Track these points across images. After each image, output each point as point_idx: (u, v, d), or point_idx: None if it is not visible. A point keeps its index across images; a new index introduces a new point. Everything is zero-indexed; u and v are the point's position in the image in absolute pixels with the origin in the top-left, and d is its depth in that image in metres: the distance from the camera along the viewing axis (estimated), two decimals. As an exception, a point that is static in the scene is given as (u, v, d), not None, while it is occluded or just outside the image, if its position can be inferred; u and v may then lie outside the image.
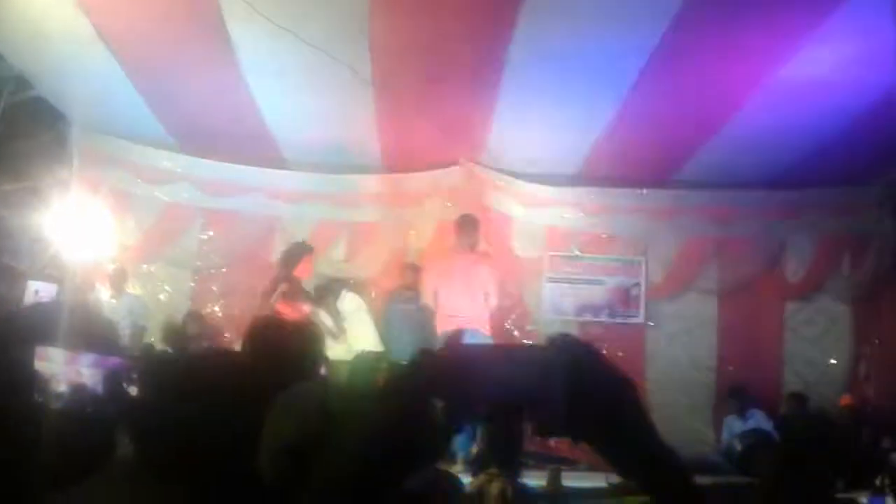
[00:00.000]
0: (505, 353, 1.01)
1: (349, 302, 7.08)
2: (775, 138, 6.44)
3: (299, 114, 6.67)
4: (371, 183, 7.69)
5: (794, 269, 7.75)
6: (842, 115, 5.89)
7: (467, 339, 5.73)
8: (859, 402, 7.14)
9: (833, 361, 7.52)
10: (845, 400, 7.13)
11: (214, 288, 7.74)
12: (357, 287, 7.35)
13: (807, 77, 5.47)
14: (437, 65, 5.71)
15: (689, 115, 6.17)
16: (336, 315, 6.74)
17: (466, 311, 6.44)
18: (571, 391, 0.92)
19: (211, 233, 7.79)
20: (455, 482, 3.81)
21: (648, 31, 5.18)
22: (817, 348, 7.60)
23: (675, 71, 5.58)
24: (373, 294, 7.53)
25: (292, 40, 5.34)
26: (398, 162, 7.48)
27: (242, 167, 7.57)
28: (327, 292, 6.98)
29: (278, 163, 7.58)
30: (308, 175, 7.64)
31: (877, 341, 7.21)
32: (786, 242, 7.76)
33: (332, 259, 7.64)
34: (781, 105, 5.86)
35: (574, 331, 7.76)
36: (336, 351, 6.06)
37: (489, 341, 6.26)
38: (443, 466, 4.81)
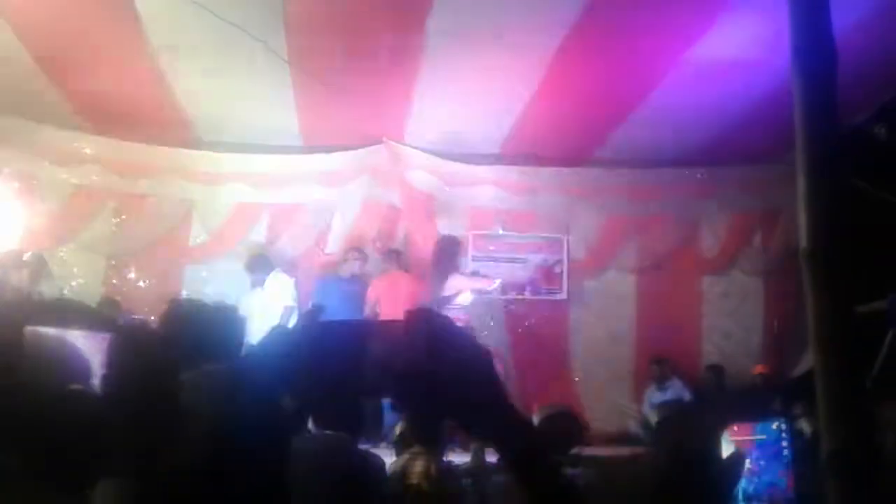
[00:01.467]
0: (360, 330, 1.00)
1: (278, 281, 7.02)
2: (690, 117, 6.59)
3: (214, 92, 6.45)
4: (291, 163, 7.53)
5: (709, 244, 8.01)
6: (753, 94, 6.05)
7: None
8: (772, 370, 7.41)
9: (747, 333, 7.80)
10: (759, 369, 7.40)
11: (129, 274, 7.48)
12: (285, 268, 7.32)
13: (718, 57, 5.60)
14: (356, 41, 5.59)
15: (607, 93, 6.25)
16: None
17: None
18: (428, 364, 0.91)
19: (124, 217, 7.52)
20: (377, 462, 3.81)
21: (565, 10, 5.20)
22: (732, 321, 7.86)
23: (592, 50, 5.63)
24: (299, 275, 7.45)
25: (204, 16, 5.15)
26: (319, 141, 7.34)
27: (155, 148, 7.29)
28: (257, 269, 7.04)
29: (193, 143, 7.35)
30: (224, 156, 7.42)
31: (786, 313, 7.45)
32: (701, 219, 8.00)
33: (252, 242, 7.50)
34: (695, 84, 5.99)
35: (499, 308, 7.86)
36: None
37: None
38: (367, 446, 4.83)
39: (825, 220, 2.08)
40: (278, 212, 7.65)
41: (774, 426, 2.75)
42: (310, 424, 3.65)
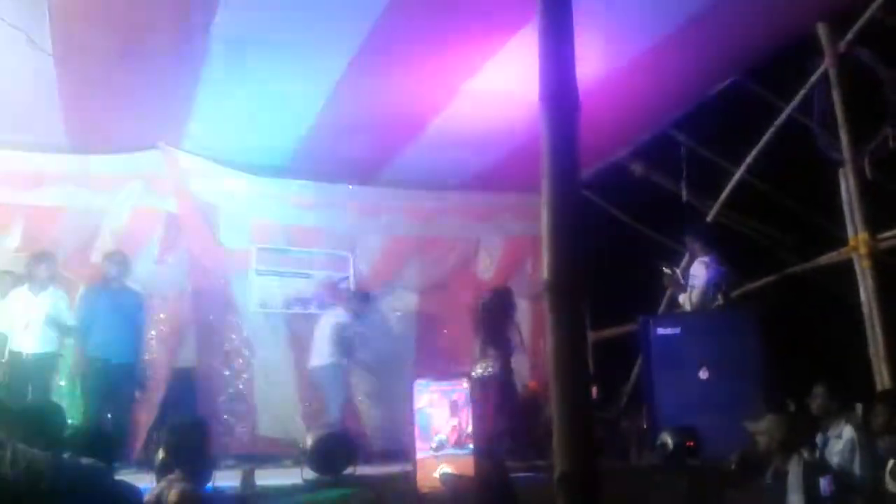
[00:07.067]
0: None
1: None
2: (469, 144, 6.91)
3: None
4: (54, 163, 6.87)
5: (485, 266, 8.38)
6: (528, 125, 6.40)
7: None
8: (542, 385, 7.87)
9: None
10: (531, 384, 7.83)
11: None
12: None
13: (496, 88, 5.90)
14: (130, 37, 5.23)
15: (392, 116, 6.39)
16: None
17: None
18: None
19: None
20: (131, 491, 3.58)
21: (353, 31, 5.25)
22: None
23: (378, 72, 5.73)
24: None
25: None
26: (86, 142, 6.78)
27: None
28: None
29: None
30: (-29, 151, 6.65)
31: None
32: (478, 242, 8.36)
33: (4, 247, 6.76)
34: (474, 114, 6.28)
35: (283, 324, 7.70)
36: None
37: None
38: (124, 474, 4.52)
39: (565, 255, 2.22)
40: (35, 215, 6.92)
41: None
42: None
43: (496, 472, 4.15)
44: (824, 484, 3.98)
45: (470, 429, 5.00)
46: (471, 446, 4.97)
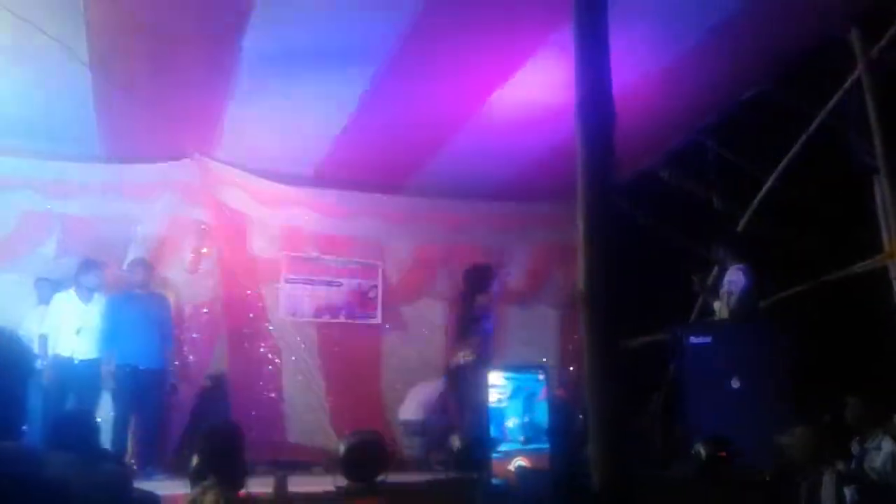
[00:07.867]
0: None
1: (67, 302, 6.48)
2: (498, 153, 6.90)
3: (2, 91, 5.89)
4: (89, 172, 7.01)
5: (512, 275, 8.33)
6: (557, 134, 6.40)
7: None
8: (569, 396, 7.82)
9: (545, 360, 8.16)
10: (559, 392, 7.78)
11: None
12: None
13: (526, 97, 5.90)
14: (164, 51, 5.32)
15: (421, 125, 6.40)
16: None
17: None
18: None
19: None
20: (150, 499, 3.61)
21: (382, 41, 5.30)
22: (531, 348, 8.20)
23: (407, 82, 5.75)
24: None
25: (-5, 10, 4.74)
26: (121, 151, 6.90)
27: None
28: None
29: (-27, 145, 6.67)
30: (10, 160, 6.79)
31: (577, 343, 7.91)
32: (507, 251, 8.32)
33: (41, 255, 6.88)
34: (503, 122, 6.28)
35: (313, 331, 7.75)
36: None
37: None
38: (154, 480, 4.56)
39: (599, 266, 2.22)
40: (70, 224, 7.05)
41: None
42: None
43: (571, 469, 4.06)
44: (850, 494, 3.93)
45: (545, 421, 4.92)
46: (546, 440, 4.90)
